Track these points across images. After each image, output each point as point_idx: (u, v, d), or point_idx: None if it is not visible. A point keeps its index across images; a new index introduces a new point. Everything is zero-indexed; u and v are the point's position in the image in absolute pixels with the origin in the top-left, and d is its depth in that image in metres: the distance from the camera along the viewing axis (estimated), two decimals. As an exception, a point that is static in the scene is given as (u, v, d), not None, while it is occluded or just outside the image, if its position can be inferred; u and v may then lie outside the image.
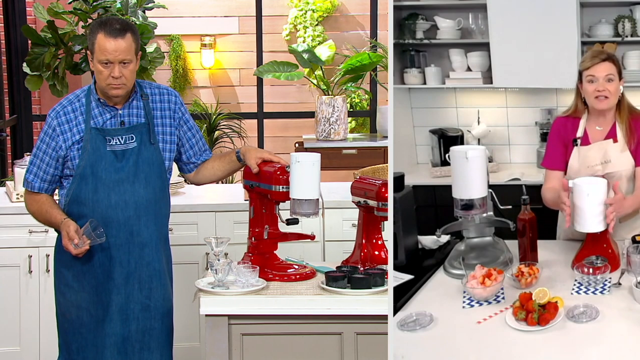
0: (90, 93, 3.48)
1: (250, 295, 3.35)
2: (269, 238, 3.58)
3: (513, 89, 4.32)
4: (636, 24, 4.49)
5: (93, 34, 3.39)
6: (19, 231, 4.61)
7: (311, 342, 3.36)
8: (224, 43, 8.22)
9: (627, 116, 3.44)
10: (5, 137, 7.09)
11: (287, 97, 8.23)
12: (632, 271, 3.14)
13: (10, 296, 4.64)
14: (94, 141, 3.42)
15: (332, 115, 7.01)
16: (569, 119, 3.52)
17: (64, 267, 3.50)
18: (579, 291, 3.12)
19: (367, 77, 7.44)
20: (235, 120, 7.75)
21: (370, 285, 3.34)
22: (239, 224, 4.59)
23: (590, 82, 3.39)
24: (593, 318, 2.91)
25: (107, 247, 3.42)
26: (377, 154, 6.91)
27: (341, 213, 4.59)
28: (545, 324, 2.87)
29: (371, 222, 3.57)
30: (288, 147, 7.66)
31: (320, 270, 3.58)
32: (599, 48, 4.30)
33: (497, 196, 3.41)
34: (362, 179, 3.58)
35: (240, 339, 3.35)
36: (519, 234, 3.35)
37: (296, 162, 3.42)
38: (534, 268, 3.18)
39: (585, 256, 3.24)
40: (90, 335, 3.46)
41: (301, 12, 8.14)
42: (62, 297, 3.52)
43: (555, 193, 3.37)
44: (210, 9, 8.20)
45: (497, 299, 3.10)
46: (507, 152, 4.39)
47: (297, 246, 4.38)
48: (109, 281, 3.44)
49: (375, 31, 7.61)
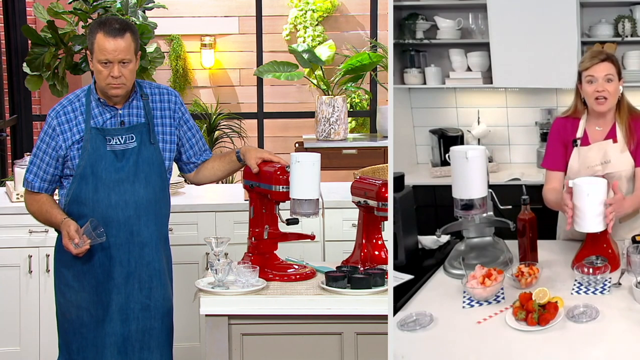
0: (90, 93, 3.47)
1: (250, 295, 3.35)
2: (269, 238, 3.58)
3: (513, 89, 4.32)
4: (636, 24, 4.49)
5: (92, 34, 3.39)
6: (19, 231, 4.61)
7: (311, 342, 3.36)
8: (224, 43, 8.22)
9: (627, 116, 3.44)
10: (5, 137, 7.09)
11: (287, 97, 8.23)
12: (632, 271, 3.14)
13: (10, 296, 4.64)
14: (94, 141, 3.42)
15: (332, 115, 7.01)
16: (569, 120, 3.52)
17: (64, 267, 3.50)
18: (579, 291, 3.12)
19: (367, 77, 7.44)
20: (235, 120, 7.75)
21: (370, 285, 3.34)
22: (239, 224, 4.59)
23: (589, 82, 3.38)
24: (593, 318, 2.91)
25: (107, 246, 3.42)
26: (377, 154, 6.91)
27: (341, 213, 4.59)
28: (545, 324, 2.87)
29: (371, 222, 3.57)
30: (288, 147, 7.65)
31: (320, 270, 3.58)
32: (599, 48, 4.30)
33: (497, 196, 3.41)
34: (362, 179, 3.58)
35: (240, 339, 3.35)
36: (519, 234, 3.35)
37: (296, 162, 3.42)
38: (534, 268, 3.18)
39: (585, 256, 3.24)
40: (90, 335, 3.46)
41: (301, 12, 8.14)
42: (62, 297, 3.52)
43: (557, 194, 3.36)
44: (210, 9, 8.20)
45: (497, 299, 3.10)
46: (507, 152, 4.40)
47: (297, 246, 4.38)
48: (109, 281, 3.44)
49: (375, 31, 7.61)
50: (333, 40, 7.45)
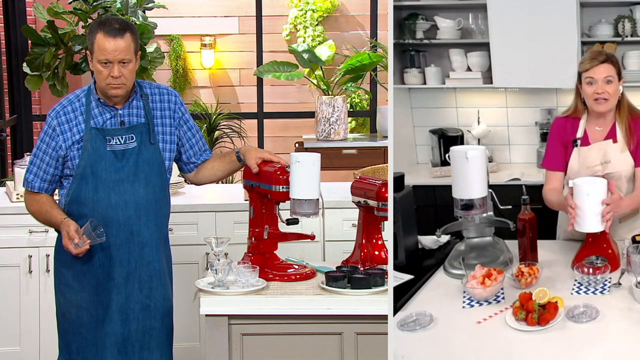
0: (90, 93, 3.47)
1: (250, 295, 3.35)
2: (269, 238, 3.58)
3: (513, 89, 4.32)
4: (636, 24, 4.48)
5: (92, 34, 3.39)
6: (19, 231, 4.61)
7: (311, 342, 3.35)
8: (224, 43, 8.22)
9: (627, 116, 3.44)
10: (5, 137, 7.09)
11: (287, 97, 8.23)
12: (632, 271, 3.14)
13: (10, 296, 4.64)
14: (94, 141, 3.42)
15: (332, 115, 7.01)
16: (569, 120, 3.51)
17: (64, 267, 3.50)
18: (579, 291, 3.12)
19: (367, 77, 7.44)
20: (235, 120, 7.75)
21: (370, 285, 3.34)
22: (239, 224, 4.59)
23: (589, 84, 3.38)
24: (593, 318, 2.91)
25: (107, 246, 3.42)
26: (377, 154, 6.91)
27: (341, 213, 4.59)
28: (545, 324, 2.87)
29: (371, 222, 3.56)
30: (288, 147, 7.65)
31: (320, 270, 3.58)
32: (599, 48, 4.30)
33: (497, 196, 3.41)
34: (362, 179, 3.58)
35: (240, 339, 3.35)
36: (519, 234, 3.35)
37: (296, 162, 3.42)
38: (534, 268, 3.18)
39: (585, 256, 3.24)
40: (90, 335, 3.46)
41: (301, 12, 8.14)
42: (62, 297, 3.52)
43: (558, 194, 3.36)
44: (210, 9, 8.20)
45: (497, 299, 3.10)
46: (507, 152, 4.40)
47: (297, 246, 4.38)
48: (109, 281, 3.44)
49: (375, 31, 7.61)
50: (333, 40, 7.45)
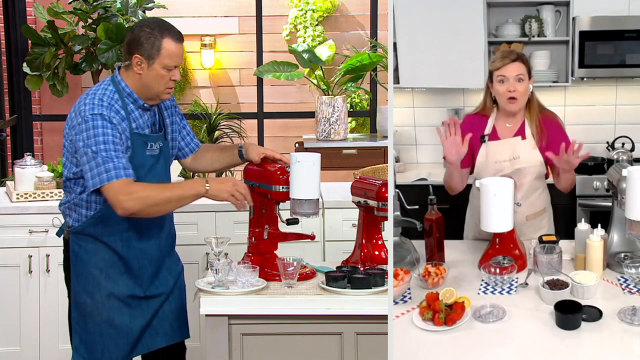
0: (123, 95, 3.38)
1: (250, 295, 3.36)
2: (269, 238, 3.58)
3: (420, 89, 4.30)
4: (543, 24, 4.50)
5: (156, 39, 3.33)
6: (19, 231, 4.61)
7: (311, 342, 3.36)
8: (224, 43, 8.22)
9: (538, 115, 3.48)
10: (5, 137, 7.09)
11: (287, 97, 8.23)
12: (539, 271, 3.15)
13: (10, 296, 4.64)
14: (137, 146, 3.42)
15: (332, 115, 7.01)
16: (477, 117, 3.56)
17: (93, 267, 3.45)
18: (486, 291, 3.12)
19: (367, 77, 7.44)
20: (235, 120, 7.74)
21: (370, 285, 3.34)
22: (239, 224, 4.59)
23: (500, 82, 3.42)
24: (500, 318, 2.90)
25: (139, 241, 3.47)
26: (377, 154, 6.91)
27: (341, 213, 4.59)
28: (452, 324, 2.85)
29: (371, 222, 3.57)
30: (288, 147, 7.65)
31: (320, 270, 3.58)
32: (506, 48, 4.32)
33: (404, 196, 3.41)
34: (362, 179, 3.58)
35: (240, 339, 3.35)
36: (425, 234, 3.35)
37: (296, 162, 3.42)
38: (441, 268, 3.17)
39: (492, 256, 3.24)
40: (115, 331, 3.46)
41: (301, 12, 8.14)
42: (89, 298, 3.46)
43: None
44: (210, 9, 8.20)
45: (404, 299, 3.10)
46: (414, 152, 4.38)
47: (297, 246, 4.38)
48: (142, 275, 3.50)
49: (375, 31, 7.61)
50: (333, 40, 7.45)
